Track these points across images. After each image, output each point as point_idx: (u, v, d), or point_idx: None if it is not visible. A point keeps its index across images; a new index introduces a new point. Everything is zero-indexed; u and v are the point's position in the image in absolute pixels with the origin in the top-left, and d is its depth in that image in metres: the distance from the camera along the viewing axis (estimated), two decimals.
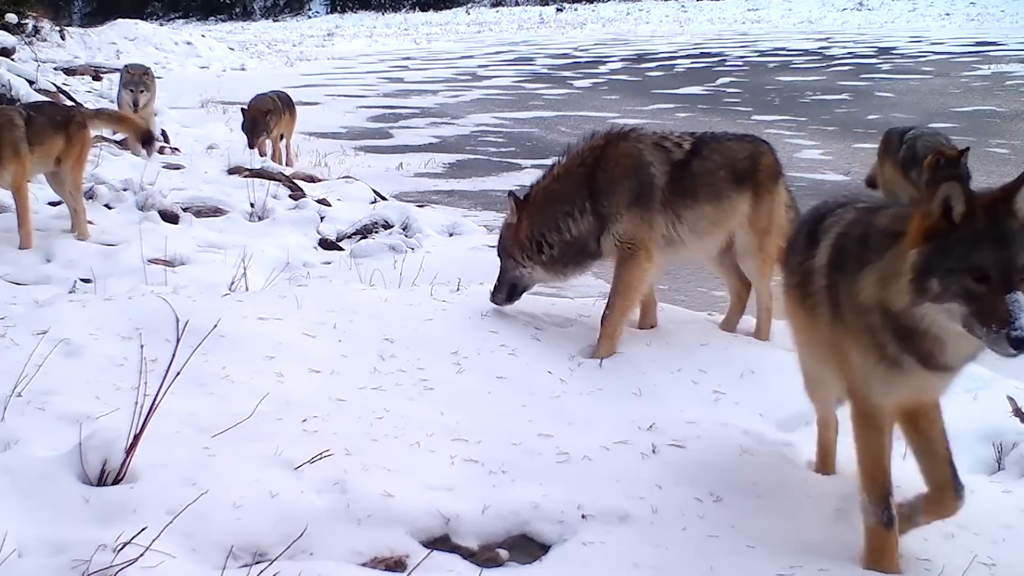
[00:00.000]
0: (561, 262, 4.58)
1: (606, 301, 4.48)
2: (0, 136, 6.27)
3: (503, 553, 2.77)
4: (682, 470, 3.18)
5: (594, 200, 4.48)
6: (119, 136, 11.38)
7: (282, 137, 11.37)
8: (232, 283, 5.63)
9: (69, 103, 9.96)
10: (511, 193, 4.71)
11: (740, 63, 24.51)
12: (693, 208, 4.51)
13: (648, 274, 4.48)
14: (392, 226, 7.91)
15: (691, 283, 6.66)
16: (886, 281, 2.60)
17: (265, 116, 10.77)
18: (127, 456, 2.79)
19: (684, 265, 5.68)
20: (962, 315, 2.48)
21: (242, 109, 11.24)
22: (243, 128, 10.96)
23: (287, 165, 10.96)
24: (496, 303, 4.59)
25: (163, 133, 12.19)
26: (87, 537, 2.52)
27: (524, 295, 4.69)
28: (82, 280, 5.99)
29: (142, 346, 3.51)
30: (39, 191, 7.62)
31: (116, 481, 2.78)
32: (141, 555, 2.45)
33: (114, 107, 10.68)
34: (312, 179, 10.04)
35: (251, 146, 10.64)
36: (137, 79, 10.53)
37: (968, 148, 6.93)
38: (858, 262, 2.71)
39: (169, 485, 2.77)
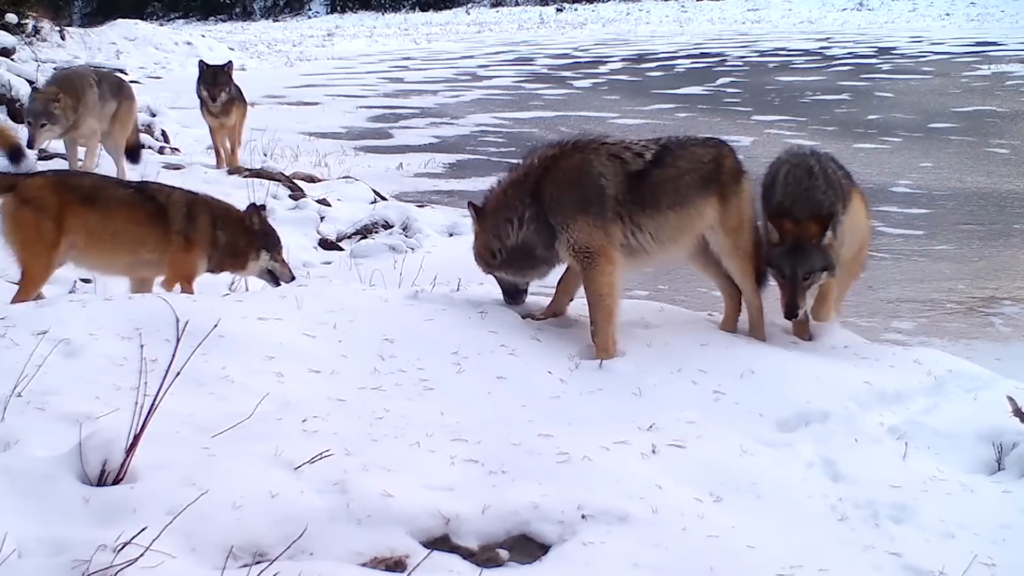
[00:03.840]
0: (515, 266, 4.61)
1: (589, 318, 4.45)
2: None
3: (503, 553, 2.77)
4: (682, 470, 3.18)
5: (539, 207, 4.47)
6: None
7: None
8: (232, 283, 5.64)
9: None
10: (471, 203, 4.72)
11: (740, 63, 24.50)
12: (655, 217, 4.47)
13: (613, 277, 4.43)
14: (392, 226, 7.93)
15: (691, 283, 6.66)
16: None
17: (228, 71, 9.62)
18: (127, 456, 2.79)
19: (683, 267, 5.68)
20: None
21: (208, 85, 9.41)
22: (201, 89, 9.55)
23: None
24: (508, 304, 4.69)
25: (163, 133, 12.20)
26: (87, 537, 2.52)
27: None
28: (82, 280, 6.00)
29: (142, 346, 3.51)
30: None
31: (116, 481, 2.78)
32: (141, 555, 2.45)
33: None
34: (312, 179, 10.05)
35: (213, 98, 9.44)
36: (40, 107, 7.96)
37: (832, 215, 4.43)
38: None
39: (169, 485, 2.76)
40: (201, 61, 10.07)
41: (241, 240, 5.41)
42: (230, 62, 10.10)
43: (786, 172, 4.55)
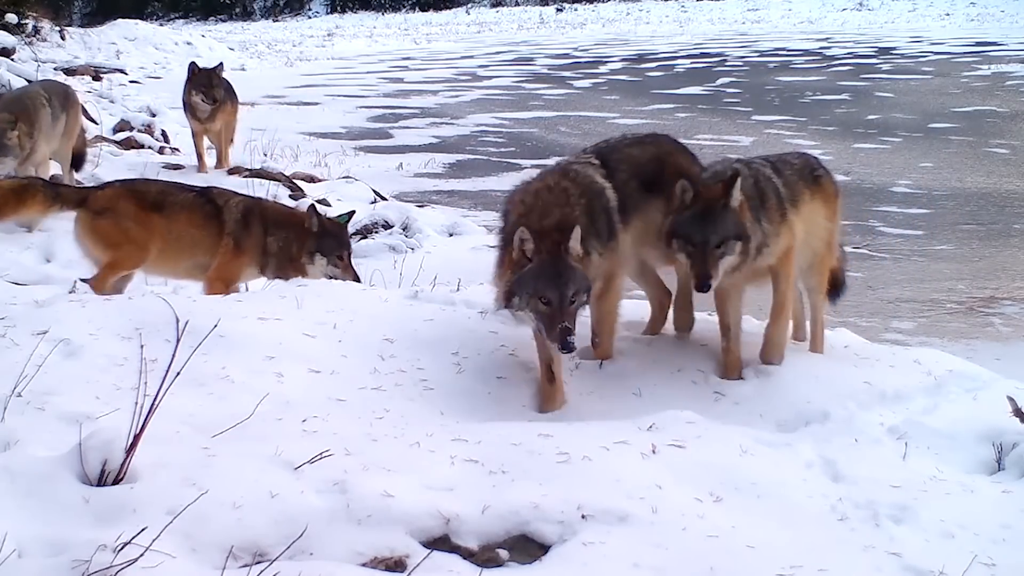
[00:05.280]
0: None
1: (592, 329, 4.33)
2: None
3: (503, 553, 2.77)
4: (682, 470, 3.18)
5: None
6: (120, 136, 11.41)
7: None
8: None
9: None
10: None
11: (740, 63, 24.50)
12: (626, 227, 4.26)
13: (620, 294, 4.37)
14: (392, 226, 7.92)
15: None
16: None
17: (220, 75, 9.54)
18: (127, 456, 2.79)
19: None
20: None
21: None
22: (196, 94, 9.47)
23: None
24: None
25: (163, 133, 12.20)
26: (87, 537, 2.52)
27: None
28: (82, 280, 5.99)
29: (142, 346, 3.51)
30: None
31: (116, 481, 2.78)
32: (141, 555, 2.45)
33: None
34: (312, 179, 10.06)
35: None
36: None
37: (736, 175, 4.02)
38: None
39: (169, 485, 2.76)
40: (192, 63, 9.93)
41: (294, 245, 5.37)
42: (220, 64, 10.02)
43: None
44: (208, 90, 9.39)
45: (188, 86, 9.52)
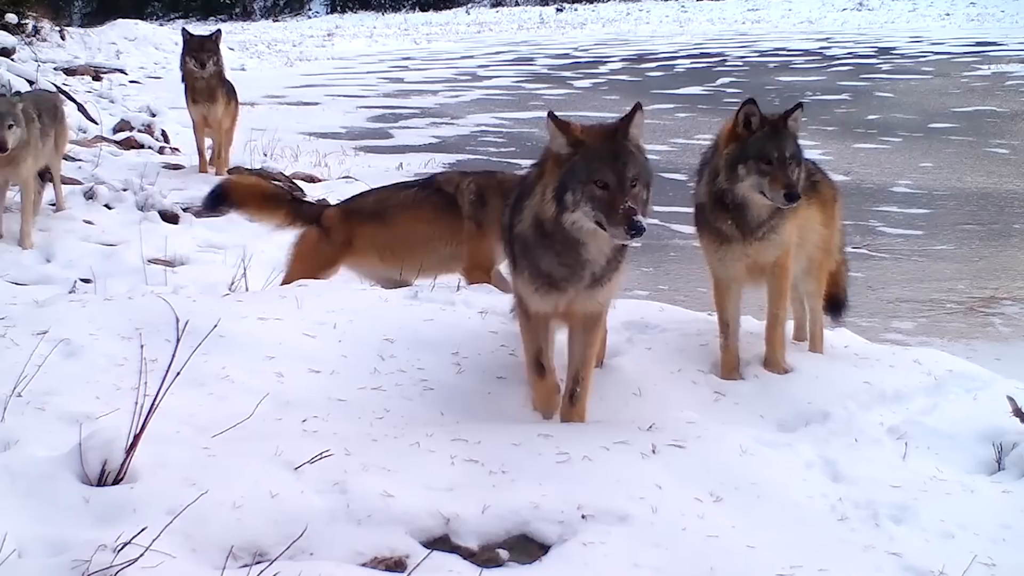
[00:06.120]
0: None
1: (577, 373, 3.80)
2: None
3: (503, 553, 2.77)
4: (682, 470, 3.18)
5: None
6: (120, 136, 11.41)
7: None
8: (232, 283, 5.63)
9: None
10: None
11: (740, 63, 24.49)
12: None
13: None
14: None
15: (691, 283, 6.67)
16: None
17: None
18: (127, 456, 2.79)
19: (682, 267, 5.67)
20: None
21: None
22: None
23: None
24: None
25: (163, 133, 12.19)
26: (87, 537, 2.52)
27: None
28: (82, 280, 6.00)
29: (142, 346, 3.51)
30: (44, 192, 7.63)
31: (116, 481, 2.79)
32: (141, 555, 2.45)
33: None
34: (312, 179, 10.06)
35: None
36: (4, 108, 6.57)
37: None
38: None
39: (169, 485, 2.77)
40: (184, 29, 9.64)
41: None
42: (219, 31, 9.70)
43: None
44: (199, 54, 9.08)
45: (183, 55, 9.27)
